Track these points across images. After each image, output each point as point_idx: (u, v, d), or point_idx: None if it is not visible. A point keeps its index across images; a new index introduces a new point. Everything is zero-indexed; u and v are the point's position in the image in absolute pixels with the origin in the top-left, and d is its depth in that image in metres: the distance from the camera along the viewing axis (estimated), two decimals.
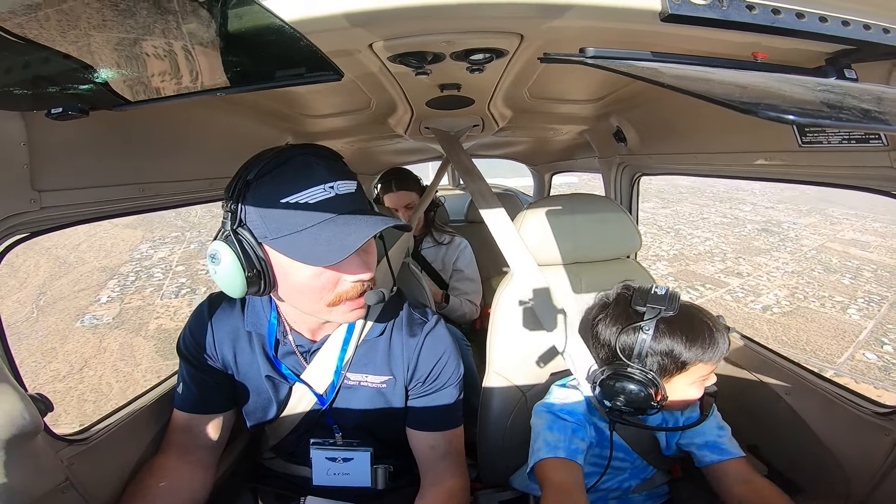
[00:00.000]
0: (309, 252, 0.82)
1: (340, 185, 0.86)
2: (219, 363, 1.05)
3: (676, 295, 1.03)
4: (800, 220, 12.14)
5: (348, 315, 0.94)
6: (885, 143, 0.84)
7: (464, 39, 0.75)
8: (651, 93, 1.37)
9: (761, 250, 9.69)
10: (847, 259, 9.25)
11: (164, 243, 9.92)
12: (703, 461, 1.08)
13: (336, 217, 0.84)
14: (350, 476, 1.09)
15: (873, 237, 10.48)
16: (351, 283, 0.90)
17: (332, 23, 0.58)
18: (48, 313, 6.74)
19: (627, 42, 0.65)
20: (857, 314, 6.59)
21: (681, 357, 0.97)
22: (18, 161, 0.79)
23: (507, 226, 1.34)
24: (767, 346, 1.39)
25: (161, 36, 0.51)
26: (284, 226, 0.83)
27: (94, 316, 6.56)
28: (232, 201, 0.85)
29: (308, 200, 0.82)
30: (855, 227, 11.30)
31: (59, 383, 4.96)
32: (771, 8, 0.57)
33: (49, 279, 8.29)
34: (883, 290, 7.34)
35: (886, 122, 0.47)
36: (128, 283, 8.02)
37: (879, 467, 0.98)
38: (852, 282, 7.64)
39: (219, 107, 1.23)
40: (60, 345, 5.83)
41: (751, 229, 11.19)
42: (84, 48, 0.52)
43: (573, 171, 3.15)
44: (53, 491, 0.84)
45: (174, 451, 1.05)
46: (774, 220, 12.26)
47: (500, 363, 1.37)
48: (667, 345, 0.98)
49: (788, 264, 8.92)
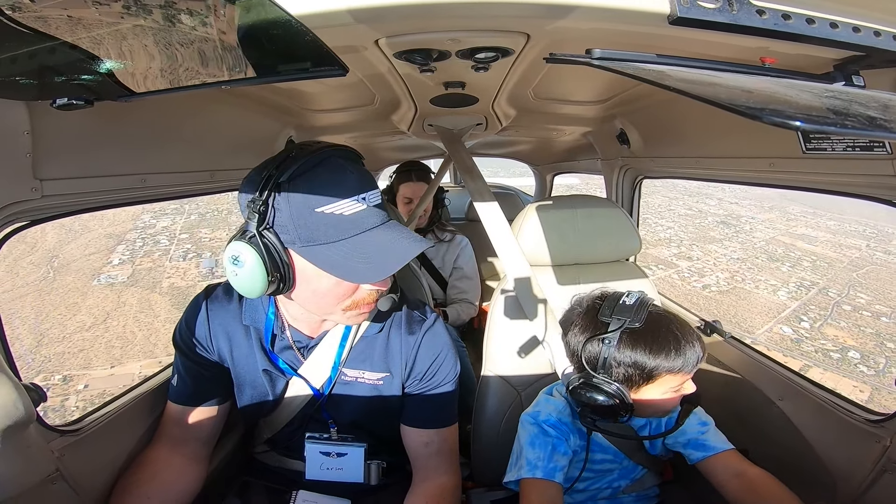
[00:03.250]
0: (342, 267, 0.82)
1: (371, 196, 0.86)
2: (214, 356, 1.05)
3: (646, 304, 1.02)
4: (759, 215, 13.35)
5: (359, 318, 0.96)
6: (890, 151, 0.84)
7: (470, 38, 0.75)
8: (656, 96, 1.37)
9: (715, 239, 10.81)
10: (792, 251, 10.49)
11: (165, 214, 10.48)
12: (692, 459, 1.09)
13: (371, 231, 0.85)
14: (343, 471, 1.09)
15: (823, 233, 11.69)
16: (369, 291, 0.91)
17: (339, 18, 0.58)
18: (64, 273, 7.30)
19: (634, 44, 0.65)
20: (786, 296, 7.67)
21: (646, 368, 0.97)
22: (21, 150, 0.78)
23: (503, 227, 1.34)
24: (762, 351, 1.39)
25: (168, 28, 0.51)
26: (316, 235, 0.82)
27: (110, 276, 7.12)
28: (261, 202, 0.80)
29: (343, 212, 0.82)
30: (809, 223, 12.62)
31: (86, 332, 5.42)
32: (781, 13, 0.57)
33: (58, 244, 8.85)
34: (815, 278, 8.46)
35: (892, 131, 0.47)
36: (136, 248, 8.71)
37: (868, 474, 0.98)
38: (790, 269, 8.78)
39: (222, 99, 1.22)
40: (82, 300, 6.38)
41: (710, 221, 12.43)
42: (90, 39, 0.52)
43: (575, 172, 3.15)
44: (43, 482, 0.84)
45: (167, 443, 1.05)
46: (735, 214, 13.52)
47: (496, 362, 1.37)
48: (629, 356, 0.98)
49: (736, 252, 10.12)
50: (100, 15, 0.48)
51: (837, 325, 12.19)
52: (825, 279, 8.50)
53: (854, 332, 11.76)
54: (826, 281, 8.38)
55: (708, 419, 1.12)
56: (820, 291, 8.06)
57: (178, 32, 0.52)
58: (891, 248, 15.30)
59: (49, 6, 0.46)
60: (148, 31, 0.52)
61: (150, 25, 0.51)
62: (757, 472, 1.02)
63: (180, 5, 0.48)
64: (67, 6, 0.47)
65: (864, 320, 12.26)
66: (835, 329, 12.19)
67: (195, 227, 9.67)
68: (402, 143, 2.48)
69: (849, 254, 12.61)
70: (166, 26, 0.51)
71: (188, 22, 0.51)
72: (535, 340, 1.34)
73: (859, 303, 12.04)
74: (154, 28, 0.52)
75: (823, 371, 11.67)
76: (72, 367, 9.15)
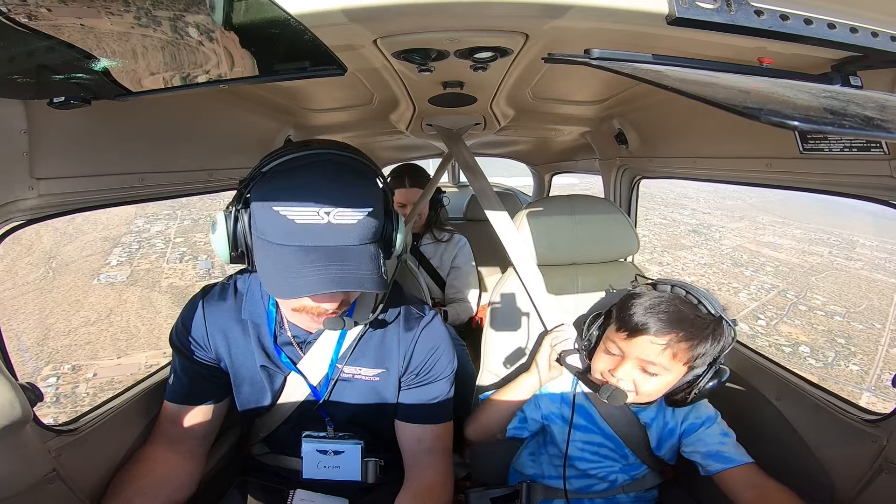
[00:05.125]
0: (267, 271, 0.83)
1: (340, 214, 0.81)
2: (211, 354, 1.05)
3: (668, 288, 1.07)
4: (729, 224, 14.37)
5: (310, 325, 0.95)
6: (887, 151, 0.84)
7: (468, 37, 0.75)
8: (654, 96, 1.37)
9: (685, 246, 11.48)
10: (757, 256, 11.34)
11: (158, 219, 10.79)
12: (709, 470, 1.07)
13: (310, 249, 0.81)
14: (340, 469, 1.09)
15: (789, 241, 12.65)
16: (314, 305, 0.89)
17: (337, 17, 0.58)
18: (63, 273, 7.67)
19: (633, 44, 0.65)
20: (747, 297, 8.24)
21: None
22: (18, 148, 0.78)
23: (508, 224, 1.35)
24: (759, 351, 1.39)
25: (165, 26, 0.51)
26: (267, 231, 0.83)
27: (109, 275, 7.47)
28: (245, 183, 0.87)
29: (295, 218, 0.80)
30: (777, 232, 13.70)
31: (90, 327, 5.70)
32: (779, 13, 0.57)
33: (55, 246, 9.27)
34: (776, 282, 9.08)
35: (888, 131, 0.47)
36: (133, 251, 9.10)
37: (864, 474, 0.98)
38: (753, 273, 9.40)
39: (221, 98, 1.22)
40: (84, 297, 6.73)
41: (683, 230, 13.26)
42: (88, 38, 0.52)
43: (573, 171, 3.15)
44: (39, 482, 0.83)
45: (163, 441, 1.05)
46: (706, 223, 14.46)
47: (494, 362, 1.37)
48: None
49: (704, 258, 10.78)
50: (99, 14, 0.48)
51: (792, 324, 13.22)
52: (785, 282, 9.11)
53: (807, 330, 12.99)
54: (786, 284, 8.98)
55: (730, 431, 1.11)
56: (779, 293, 8.71)
57: (176, 31, 0.52)
58: (853, 255, 16.59)
59: (51, 5, 0.46)
60: (146, 29, 0.52)
61: (148, 24, 0.51)
62: (776, 487, 1.01)
63: (179, 4, 0.48)
64: (69, 4, 0.47)
65: (818, 319, 13.34)
66: (789, 327, 13.25)
67: (189, 231, 10.04)
68: (400, 142, 2.48)
69: (811, 259, 13.94)
70: (165, 25, 0.51)
71: (187, 20, 0.50)
72: (533, 340, 1.34)
73: (815, 303, 13.29)
74: (152, 27, 0.51)
75: None
76: (79, 357, 9.49)
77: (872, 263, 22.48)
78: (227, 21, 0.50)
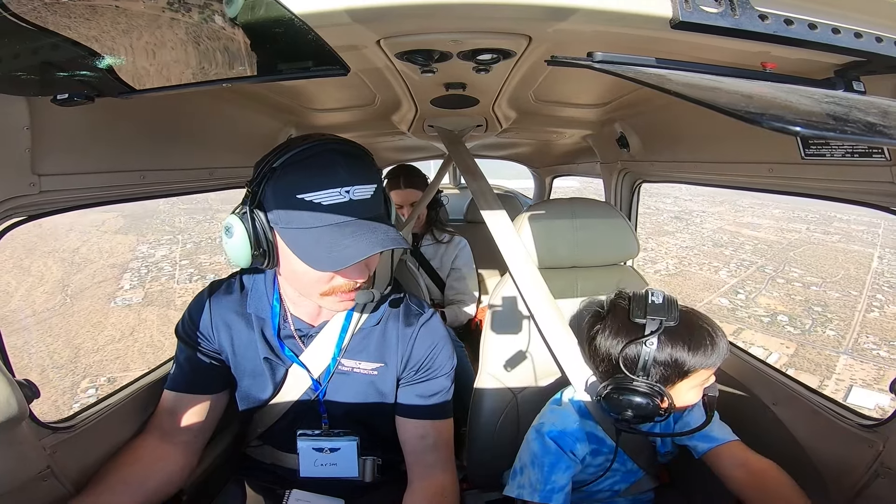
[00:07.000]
0: (308, 252, 0.86)
1: (357, 191, 0.88)
2: (215, 345, 1.07)
3: (674, 302, 1.03)
4: (710, 208, 15.14)
5: (337, 305, 0.97)
6: (888, 158, 0.84)
7: (471, 39, 0.75)
8: (656, 100, 1.37)
9: (668, 232, 12.06)
10: (736, 237, 11.95)
11: (161, 244, 11.24)
12: (698, 451, 1.09)
13: (343, 224, 0.87)
14: (337, 467, 1.09)
15: (768, 220, 13.34)
16: (345, 280, 0.93)
17: (341, 18, 0.58)
18: (79, 299, 8.07)
19: (636, 48, 0.64)
20: (727, 275, 8.78)
21: (685, 365, 0.98)
22: (21, 145, 0.78)
23: (507, 226, 1.34)
24: (757, 356, 1.39)
25: (170, 25, 0.51)
26: (294, 220, 0.86)
27: (125, 299, 7.87)
28: (255, 182, 0.89)
29: (322, 201, 0.85)
30: (756, 213, 14.56)
31: (117, 343, 6.07)
32: (784, 18, 0.57)
33: (65, 275, 9.83)
34: (755, 259, 9.64)
35: (890, 137, 0.47)
36: (142, 275, 9.59)
37: (860, 479, 0.98)
38: (733, 252, 9.94)
39: (223, 97, 1.22)
40: (104, 319, 7.14)
41: (665, 217, 13.97)
42: (91, 36, 0.52)
43: (574, 174, 3.15)
44: (33, 479, 0.84)
45: (156, 432, 1.06)
46: (688, 209, 15.24)
47: (493, 364, 1.36)
48: (669, 354, 0.98)
49: (686, 241, 11.38)
50: (105, 11, 0.48)
51: (770, 296, 13.83)
52: (764, 259, 9.63)
53: (785, 300, 13.56)
54: (764, 260, 9.48)
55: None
56: (758, 269, 9.29)
57: (180, 29, 0.52)
58: (829, 230, 17.28)
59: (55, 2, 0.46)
60: (150, 27, 0.52)
61: (152, 22, 0.51)
62: (762, 462, 1.03)
63: (183, 2, 0.48)
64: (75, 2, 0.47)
65: (795, 290, 13.90)
66: (768, 299, 13.98)
67: (193, 253, 10.59)
68: (402, 143, 2.48)
69: (789, 236, 14.69)
70: (169, 23, 0.51)
71: (191, 19, 0.50)
72: (533, 343, 1.34)
73: (792, 276, 13.96)
74: (156, 25, 0.51)
75: (754, 332, 13.42)
76: (113, 370, 10.14)
77: (850, 236, 23.18)
78: (232, 20, 0.50)
